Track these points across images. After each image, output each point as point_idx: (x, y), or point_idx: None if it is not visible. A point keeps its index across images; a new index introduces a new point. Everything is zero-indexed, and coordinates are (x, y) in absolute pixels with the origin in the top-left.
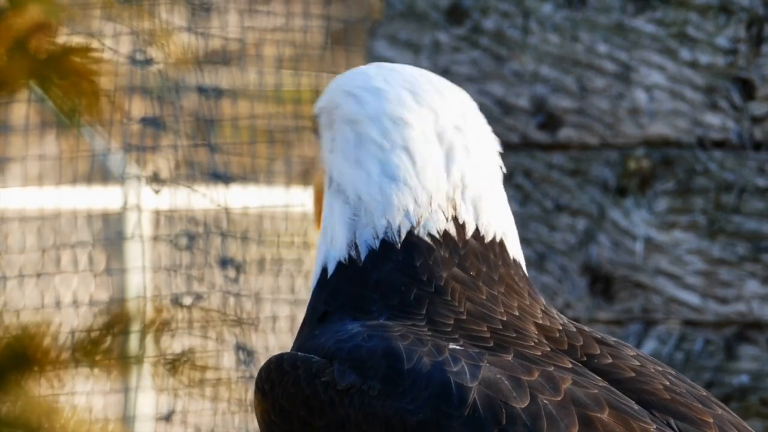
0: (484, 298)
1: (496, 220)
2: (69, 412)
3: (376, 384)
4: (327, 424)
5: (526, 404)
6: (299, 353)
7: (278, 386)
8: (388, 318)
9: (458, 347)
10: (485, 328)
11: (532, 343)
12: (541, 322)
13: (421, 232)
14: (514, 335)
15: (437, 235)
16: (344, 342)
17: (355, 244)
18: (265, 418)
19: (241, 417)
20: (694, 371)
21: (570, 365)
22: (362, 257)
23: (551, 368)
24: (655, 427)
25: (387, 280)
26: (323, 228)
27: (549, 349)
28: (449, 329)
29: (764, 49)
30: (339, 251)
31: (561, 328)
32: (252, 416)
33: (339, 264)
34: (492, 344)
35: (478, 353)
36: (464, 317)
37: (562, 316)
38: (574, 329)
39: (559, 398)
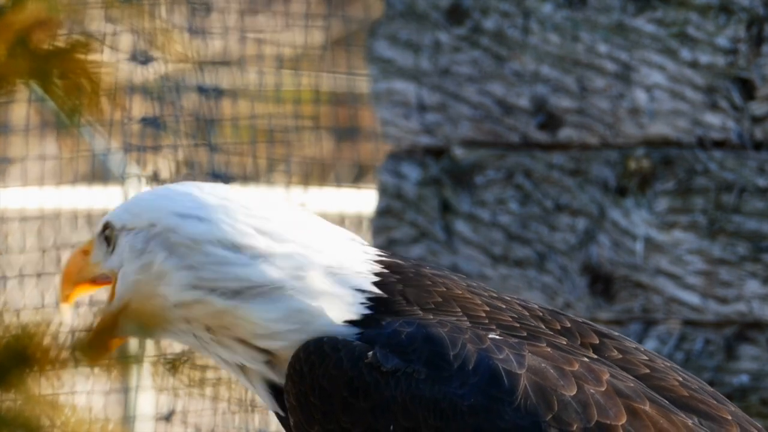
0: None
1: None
2: (69, 412)
3: (421, 368)
4: (371, 406)
5: (575, 392)
6: (338, 337)
7: (319, 367)
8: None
9: (497, 337)
10: (509, 318)
11: (552, 332)
12: (531, 306)
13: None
14: (534, 324)
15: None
16: (381, 329)
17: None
18: (300, 400)
19: (241, 417)
20: (694, 371)
21: (596, 356)
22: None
23: (586, 359)
24: (691, 422)
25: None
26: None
27: (566, 340)
28: (486, 321)
29: (764, 49)
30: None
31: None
32: (252, 416)
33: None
34: (525, 334)
35: (518, 343)
36: (489, 309)
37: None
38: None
39: (603, 389)
